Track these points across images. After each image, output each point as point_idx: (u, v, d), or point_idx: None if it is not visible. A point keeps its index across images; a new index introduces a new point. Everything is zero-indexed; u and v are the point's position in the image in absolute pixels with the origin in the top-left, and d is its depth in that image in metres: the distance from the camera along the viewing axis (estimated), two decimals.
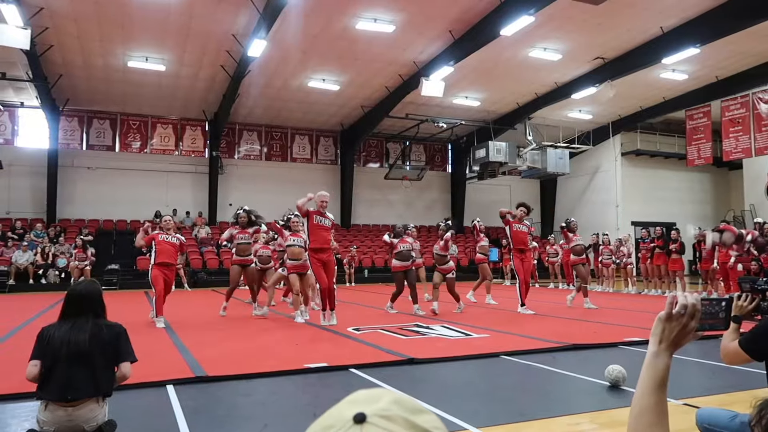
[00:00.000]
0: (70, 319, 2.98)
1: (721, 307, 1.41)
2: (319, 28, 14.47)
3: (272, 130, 23.43)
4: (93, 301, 3.04)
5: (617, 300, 12.40)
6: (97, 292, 3.11)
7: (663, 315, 1.30)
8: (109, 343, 2.97)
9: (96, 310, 3.04)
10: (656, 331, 1.31)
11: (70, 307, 3.02)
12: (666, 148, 24.09)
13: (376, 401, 0.63)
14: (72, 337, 2.89)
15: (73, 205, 20.19)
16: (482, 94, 20.05)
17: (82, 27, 14.30)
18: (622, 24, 14.43)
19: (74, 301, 3.04)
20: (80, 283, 3.20)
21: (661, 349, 1.29)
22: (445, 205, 25.88)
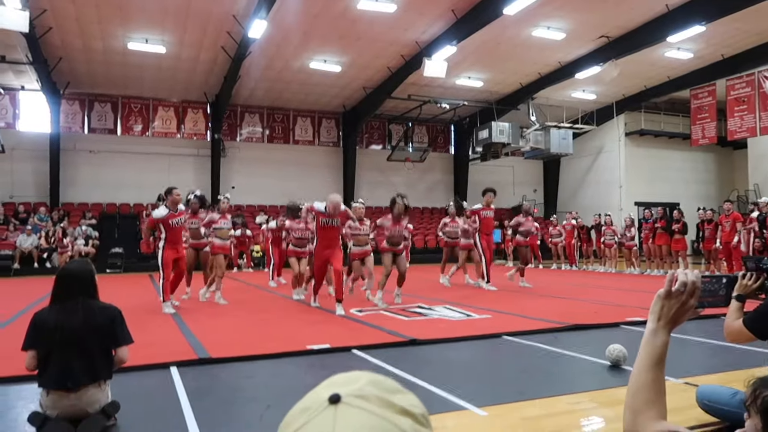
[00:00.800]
0: (61, 302, 2.91)
1: (722, 284, 1.40)
2: (319, 7, 14.31)
3: (274, 112, 23.32)
4: (84, 283, 2.95)
5: (620, 280, 12.41)
6: (89, 272, 3.00)
7: (662, 292, 1.29)
8: (103, 327, 2.90)
9: (88, 292, 2.95)
10: (655, 308, 1.30)
11: (61, 289, 2.93)
12: (670, 127, 23.93)
13: (353, 383, 0.63)
14: (64, 321, 2.84)
15: (76, 189, 20.22)
16: (485, 75, 19.88)
17: (80, 9, 14.18)
18: (626, 2, 14.23)
19: (65, 282, 2.94)
20: (71, 263, 3.09)
21: (659, 326, 1.28)
22: (448, 186, 25.82)
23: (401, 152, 23.62)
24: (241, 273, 15.89)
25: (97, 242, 17.26)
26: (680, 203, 20.13)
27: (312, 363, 4.70)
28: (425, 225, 23.03)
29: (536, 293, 9.67)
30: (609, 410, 3.37)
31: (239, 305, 8.42)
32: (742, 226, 12.29)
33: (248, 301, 9.09)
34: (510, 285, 10.78)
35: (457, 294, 9.46)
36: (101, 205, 20.36)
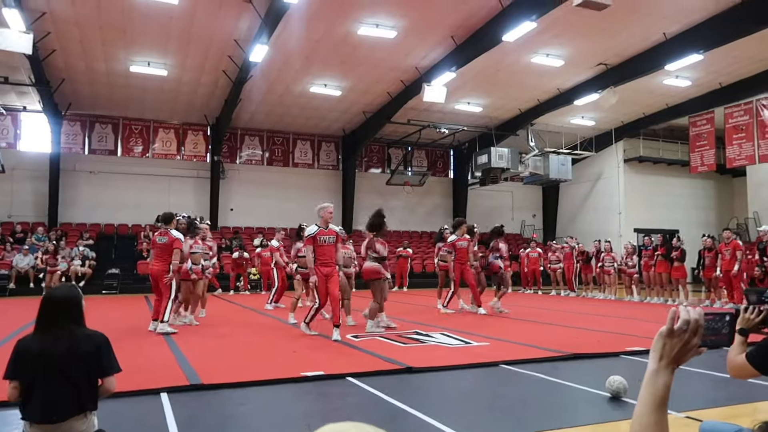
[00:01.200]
0: (45, 329, 2.80)
1: (725, 322, 1.35)
2: (321, 33, 14.46)
3: (274, 135, 23.42)
4: (70, 309, 2.84)
5: (619, 308, 12.30)
6: (75, 298, 2.88)
7: (664, 330, 1.24)
8: (89, 355, 2.78)
9: (73, 318, 2.83)
10: (657, 347, 1.25)
11: (46, 315, 2.82)
12: (669, 154, 24.02)
13: None
14: (48, 350, 2.73)
15: (75, 210, 20.19)
16: (484, 100, 20.02)
17: (84, 31, 14.32)
18: (625, 30, 14.39)
19: (49, 308, 2.83)
20: (57, 288, 2.98)
21: (661, 366, 1.23)
22: (447, 210, 25.80)
23: (400, 176, 23.66)
24: (238, 296, 15.76)
25: (93, 263, 17.17)
26: (679, 230, 20.11)
27: (306, 390, 4.61)
28: (424, 249, 22.94)
29: (535, 320, 9.56)
30: None
31: (234, 329, 8.32)
32: (743, 254, 12.24)
33: (243, 324, 8.98)
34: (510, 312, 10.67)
35: (454, 320, 9.35)
36: (99, 225, 20.31)
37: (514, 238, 25.86)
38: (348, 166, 23.67)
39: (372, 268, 7.96)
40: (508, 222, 26.14)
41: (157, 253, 8.04)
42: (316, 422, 3.79)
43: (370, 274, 7.97)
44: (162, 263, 7.95)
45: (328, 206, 7.46)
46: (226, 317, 10.17)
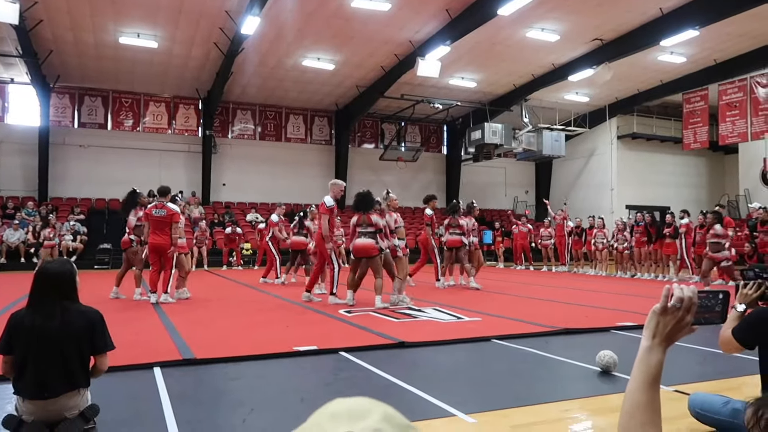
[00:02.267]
0: (38, 304, 2.78)
1: (718, 300, 1.34)
2: (314, 5, 14.22)
3: (266, 110, 23.20)
4: (63, 284, 2.81)
5: (610, 283, 12.42)
6: (68, 273, 2.85)
7: (658, 308, 1.23)
8: (82, 332, 2.77)
9: (67, 294, 2.81)
10: (650, 324, 1.25)
11: (39, 290, 2.79)
12: (662, 131, 24.02)
13: (363, 417, 0.54)
14: (41, 325, 2.71)
15: (65, 184, 20.02)
16: (479, 75, 19.86)
17: (72, 1, 14.01)
18: (621, 4, 14.24)
19: (42, 283, 2.80)
20: (50, 262, 2.93)
21: (654, 343, 1.23)
22: (440, 186, 25.79)
23: (394, 152, 23.58)
24: (231, 271, 15.78)
25: (85, 238, 17.09)
26: (671, 207, 20.21)
27: (299, 364, 4.63)
28: (417, 225, 22.96)
29: (527, 296, 9.64)
30: (600, 418, 3.32)
31: (227, 304, 8.34)
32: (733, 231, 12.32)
33: (236, 299, 9.00)
34: (500, 287, 10.75)
35: (447, 296, 9.41)
36: (90, 200, 20.18)
37: (506, 214, 25.96)
38: (341, 141, 23.53)
39: (367, 244, 7.86)
40: (501, 198, 26.22)
41: (156, 227, 8.06)
42: (309, 396, 3.82)
43: (368, 251, 7.86)
44: (163, 236, 8.03)
45: (341, 184, 8.28)
46: (219, 292, 10.19)
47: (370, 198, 7.94)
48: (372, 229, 7.84)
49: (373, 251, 7.77)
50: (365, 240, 7.81)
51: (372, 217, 7.85)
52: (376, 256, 7.77)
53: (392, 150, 23.53)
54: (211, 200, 21.49)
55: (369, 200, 7.92)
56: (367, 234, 7.83)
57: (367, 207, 7.87)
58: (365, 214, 7.86)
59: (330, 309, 7.55)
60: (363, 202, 7.93)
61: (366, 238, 7.81)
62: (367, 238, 7.80)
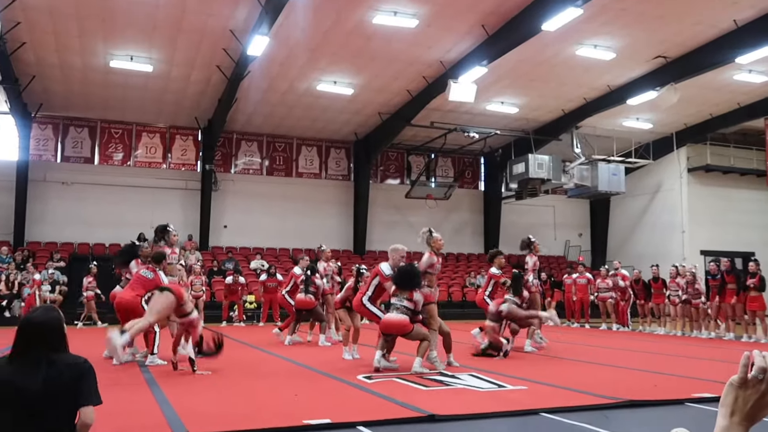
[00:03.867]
0: (20, 359, 2.84)
1: None
2: (330, 22, 14.63)
3: (275, 141, 23.65)
4: (50, 334, 2.88)
5: (684, 345, 12.11)
6: (55, 320, 2.94)
7: (736, 380, 1.21)
8: (69, 386, 2.81)
9: (54, 345, 2.87)
10: (727, 399, 1.22)
11: (22, 343, 2.87)
12: (741, 163, 23.79)
13: None
14: (21, 382, 2.75)
15: (44, 226, 20.47)
16: (521, 99, 20.03)
17: (58, 21, 14.65)
18: (687, 17, 14.36)
19: (26, 334, 2.88)
20: (35, 310, 3.05)
21: (733, 422, 1.20)
22: (477, 228, 25.76)
23: (422, 188, 23.69)
24: (232, 327, 15.81)
25: (65, 288, 17.35)
26: (755, 252, 19.79)
27: None
28: (449, 274, 22.87)
29: (582, 360, 9.45)
30: None
31: (227, 367, 8.33)
32: None
33: (237, 362, 8.99)
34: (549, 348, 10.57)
35: (485, 360, 9.27)
36: (72, 244, 20.57)
37: (556, 261, 25.71)
38: (361, 176, 23.78)
39: (401, 321, 7.81)
40: (550, 242, 26.01)
41: (135, 283, 8.32)
42: None
43: (402, 328, 7.80)
44: (136, 294, 8.35)
45: (402, 250, 8.34)
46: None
47: (419, 278, 7.95)
48: (411, 305, 7.83)
49: (408, 328, 7.76)
50: (399, 316, 7.77)
51: (415, 295, 7.86)
52: (411, 331, 7.78)
53: (420, 186, 23.65)
54: (210, 245, 21.74)
55: (417, 281, 7.93)
56: (401, 309, 7.81)
57: (414, 287, 7.88)
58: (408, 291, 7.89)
59: (347, 374, 7.50)
60: (410, 281, 7.89)
61: (399, 313, 7.79)
62: (401, 314, 7.78)
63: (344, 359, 8.89)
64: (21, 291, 16.79)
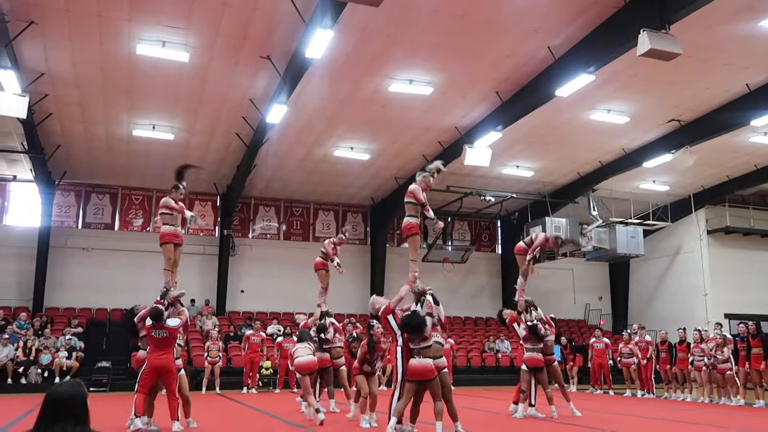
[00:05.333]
0: (45, 430, 2.90)
1: None
2: (347, 91, 14.99)
3: (292, 206, 23.89)
4: (75, 407, 2.98)
5: (713, 413, 11.74)
6: (81, 395, 3.05)
7: None
8: None
9: (78, 418, 2.96)
10: None
11: (47, 414, 2.95)
12: (762, 224, 23.59)
13: None
14: None
15: (64, 291, 20.60)
16: (536, 163, 20.18)
17: (84, 93, 15.16)
18: (698, 82, 14.54)
19: (52, 406, 2.96)
20: (62, 385, 3.12)
21: None
22: (495, 291, 25.53)
23: (439, 252, 23.64)
24: (246, 395, 15.57)
25: (81, 354, 17.32)
26: None
27: None
28: (468, 338, 22.56)
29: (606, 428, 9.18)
30: None
31: None
32: None
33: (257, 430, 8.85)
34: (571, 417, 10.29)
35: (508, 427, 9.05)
36: (90, 310, 20.63)
37: (577, 325, 25.30)
38: (377, 240, 23.86)
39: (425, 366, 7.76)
40: (569, 306, 25.68)
41: (157, 345, 8.20)
42: None
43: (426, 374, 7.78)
44: (166, 354, 8.23)
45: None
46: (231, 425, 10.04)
47: (422, 320, 7.93)
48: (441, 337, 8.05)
49: (432, 374, 7.69)
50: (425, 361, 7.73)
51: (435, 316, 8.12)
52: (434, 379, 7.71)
53: (437, 250, 23.61)
54: (227, 310, 21.71)
55: (422, 322, 7.91)
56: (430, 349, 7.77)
57: (422, 330, 7.84)
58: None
59: None
60: (417, 328, 7.86)
61: (423, 358, 7.72)
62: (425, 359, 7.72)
63: (362, 427, 8.72)
64: (38, 357, 16.77)
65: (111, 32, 12.49)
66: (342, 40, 12.31)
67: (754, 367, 13.07)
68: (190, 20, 12.11)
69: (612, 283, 26.88)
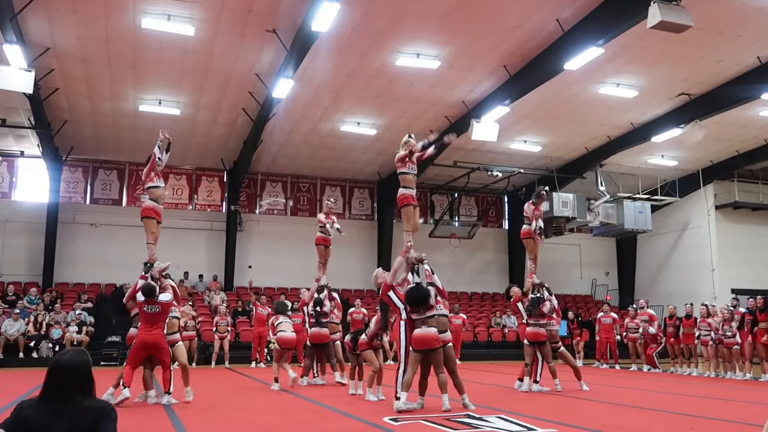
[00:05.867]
0: (49, 399, 2.91)
1: None
2: (353, 65, 14.89)
3: (299, 181, 23.89)
4: (79, 376, 2.97)
5: (719, 387, 11.79)
6: (84, 364, 3.03)
7: None
8: (90, 430, 2.86)
9: (82, 387, 2.95)
10: None
11: (52, 383, 2.95)
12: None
13: None
14: (49, 424, 2.81)
15: (73, 267, 20.77)
16: (544, 138, 20.07)
17: (90, 68, 15.11)
18: (710, 54, 14.36)
19: (56, 377, 2.96)
20: (65, 353, 3.11)
21: None
22: (502, 267, 25.57)
23: (446, 227, 23.66)
24: (254, 369, 15.72)
25: (91, 329, 17.49)
26: None
27: None
28: (474, 314, 22.65)
29: (613, 402, 9.24)
30: None
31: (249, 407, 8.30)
32: None
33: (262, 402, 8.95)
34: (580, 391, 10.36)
35: (516, 402, 9.11)
36: (99, 285, 20.79)
37: (583, 300, 25.36)
38: (384, 215, 23.87)
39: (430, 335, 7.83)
40: (576, 281, 25.72)
41: (148, 320, 8.51)
42: None
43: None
44: (156, 330, 8.51)
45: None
46: (240, 396, 10.16)
47: (426, 291, 7.96)
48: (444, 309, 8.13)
49: (437, 342, 7.80)
50: (429, 330, 7.79)
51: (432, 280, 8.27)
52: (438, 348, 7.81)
53: (444, 225, 23.63)
54: (235, 285, 21.84)
55: (426, 294, 7.93)
56: (434, 319, 7.83)
57: (427, 301, 7.89)
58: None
59: (372, 416, 7.40)
60: (422, 300, 7.91)
61: (429, 327, 7.78)
62: (430, 327, 7.78)
63: (369, 401, 8.81)
64: (49, 332, 16.94)
65: (116, 5, 12.41)
66: (348, 13, 12.21)
67: (758, 341, 13.09)
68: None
69: (619, 258, 26.88)
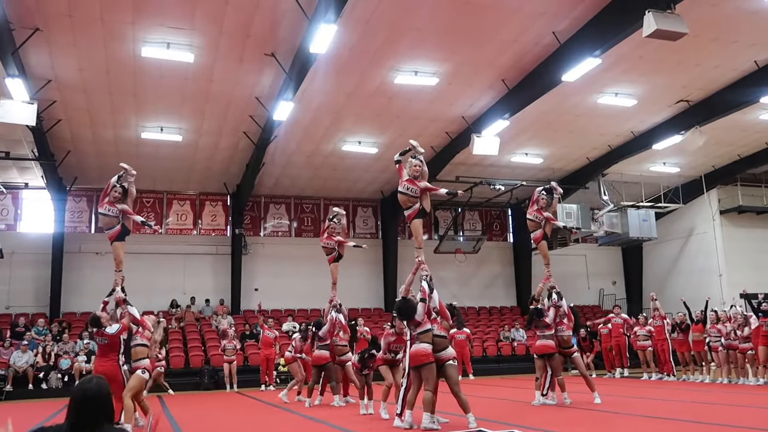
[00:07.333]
0: (83, 428, 2.94)
1: None
2: (352, 85, 14.98)
3: (302, 202, 23.92)
4: (101, 407, 3.01)
5: (733, 393, 11.67)
6: (109, 392, 3.10)
7: None
8: None
9: (105, 416, 3.00)
10: None
11: (81, 414, 2.98)
12: None
13: None
14: None
15: (80, 296, 20.73)
16: (545, 150, 20.10)
17: (92, 98, 15.23)
18: (706, 60, 14.41)
19: (82, 406, 3.00)
20: (87, 382, 3.13)
21: None
22: (509, 280, 25.48)
23: (450, 243, 23.63)
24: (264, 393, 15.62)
25: None
26: None
27: None
28: (483, 328, 22.54)
29: (624, 412, 9.15)
30: None
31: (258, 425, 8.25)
32: None
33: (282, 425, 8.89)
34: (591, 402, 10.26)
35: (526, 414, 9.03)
36: None
37: (591, 311, 25.20)
38: (388, 233, 23.85)
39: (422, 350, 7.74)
40: (583, 291, 25.59)
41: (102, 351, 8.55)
42: None
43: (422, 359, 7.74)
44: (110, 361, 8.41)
45: None
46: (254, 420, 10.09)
47: (412, 305, 7.92)
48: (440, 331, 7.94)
49: (429, 358, 7.68)
50: (422, 346, 7.73)
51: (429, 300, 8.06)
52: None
53: (449, 241, 23.59)
54: (242, 308, 21.79)
55: (412, 307, 7.88)
56: (428, 336, 7.73)
57: (411, 315, 7.85)
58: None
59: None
60: (407, 312, 7.88)
61: (423, 343, 7.73)
62: (424, 344, 7.72)
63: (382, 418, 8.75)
64: (58, 362, 16.91)
65: (115, 36, 12.53)
66: (346, 34, 12.30)
67: (763, 343, 12.97)
68: (193, 21, 12.14)
69: (625, 267, 26.76)
